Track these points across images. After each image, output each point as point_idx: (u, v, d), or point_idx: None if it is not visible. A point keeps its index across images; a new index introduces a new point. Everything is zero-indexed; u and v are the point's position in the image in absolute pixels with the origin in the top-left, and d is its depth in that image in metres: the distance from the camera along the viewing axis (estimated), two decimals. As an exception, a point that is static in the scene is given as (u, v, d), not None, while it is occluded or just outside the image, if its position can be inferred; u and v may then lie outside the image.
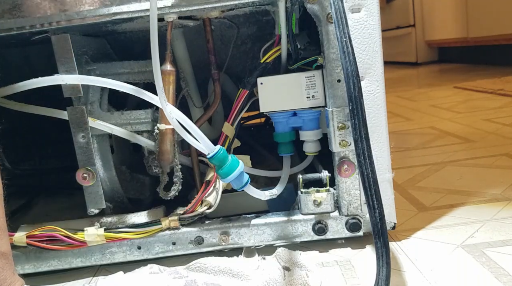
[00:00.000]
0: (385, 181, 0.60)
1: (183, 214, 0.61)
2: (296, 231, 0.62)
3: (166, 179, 0.64)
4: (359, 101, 0.49)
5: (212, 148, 0.51)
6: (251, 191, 0.56)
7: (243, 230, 0.62)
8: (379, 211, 0.47)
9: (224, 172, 0.52)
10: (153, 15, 0.45)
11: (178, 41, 0.68)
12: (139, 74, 0.64)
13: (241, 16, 0.78)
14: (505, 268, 0.51)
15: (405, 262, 0.56)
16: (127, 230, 0.60)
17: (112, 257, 0.62)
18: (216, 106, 0.68)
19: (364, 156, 0.48)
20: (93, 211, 0.62)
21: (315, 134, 0.65)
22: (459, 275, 0.51)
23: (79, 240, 0.59)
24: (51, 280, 0.62)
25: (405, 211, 0.72)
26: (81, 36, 0.63)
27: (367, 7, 0.56)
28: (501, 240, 0.58)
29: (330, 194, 0.61)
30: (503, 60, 2.50)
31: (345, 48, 0.50)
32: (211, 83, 0.70)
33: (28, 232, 0.60)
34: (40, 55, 0.84)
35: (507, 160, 0.91)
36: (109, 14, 0.56)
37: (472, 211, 0.69)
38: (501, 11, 2.34)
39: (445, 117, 1.43)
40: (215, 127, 0.76)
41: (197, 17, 0.63)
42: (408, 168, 0.95)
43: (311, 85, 0.61)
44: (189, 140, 0.52)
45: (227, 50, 0.82)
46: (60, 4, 0.55)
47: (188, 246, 0.62)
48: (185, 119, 0.51)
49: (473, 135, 1.15)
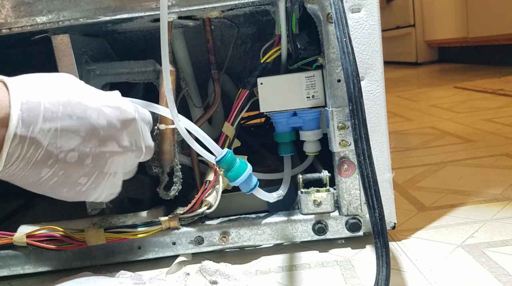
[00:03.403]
0: (385, 181, 0.60)
1: (183, 214, 0.61)
2: (296, 231, 0.62)
3: (166, 179, 0.64)
4: (359, 101, 0.49)
5: (219, 151, 0.51)
6: (259, 194, 0.56)
7: (243, 230, 0.62)
8: (379, 211, 0.47)
9: (232, 175, 0.52)
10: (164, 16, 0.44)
11: (178, 41, 0.68)
12: (139, 74, 0.64)
13: (241, 16, 0.78)
14: (505, 268, 0.51)
15: (405, 262, 0.56)
16: (127, 230, 0.60)
17: (112, 257, 0.62)
18: (216, 106, 0.68)
19: (364, 156, 0.48)
20: (93, 211, 0.62)
21: (315, 134, 0.65)
22: (459, 275, 0.51)
23: (79, 240, 0.59)
24: (51, 280, 0.62)
25: (405, 211, 0.72)
26: (81, 36, 0.63)
27: (367, 7, 0.56)
28: (501, 240, 0.58)
29: (330, 194, 0.61)
30: (503, 60, 2.50)
31: (345, 48, 0.50)
32: (211, 83, 0.70)
33: (28, 232, 0.60)
34: (40, 55, 0.84)
35: (507, 160, 0.91)
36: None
37: (472, 211, 0.69)
38: (501, 11, 2.34)
39: (445, 117, 1.43)
40: (215, 127, 0.76)
41: (197, 17, 0.63)
42: (408, 168, 0.95)
43: (311, 85, 0.61)
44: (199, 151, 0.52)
45: (227, 50, 0.82)
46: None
47: (188, 246, 0.62)
48: (193, 127, 0.51)
49: (473, 135, 1.15)
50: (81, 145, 0.42)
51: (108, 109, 0.44)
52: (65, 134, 0.41)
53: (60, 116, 0.40)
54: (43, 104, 0.39)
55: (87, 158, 0.43)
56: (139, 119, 0.48)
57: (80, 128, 0.42)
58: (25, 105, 0.38)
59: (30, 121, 0.38)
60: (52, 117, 0.40)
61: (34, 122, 0.38)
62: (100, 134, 0.43)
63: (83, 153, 0.43)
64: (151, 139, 0.52)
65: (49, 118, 0.39)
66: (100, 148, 0.44)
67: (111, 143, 0.45)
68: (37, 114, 0.39)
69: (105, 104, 0.44)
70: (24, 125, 0.38)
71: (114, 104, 0.45)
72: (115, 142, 0.45)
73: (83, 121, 0.42)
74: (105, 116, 0.44)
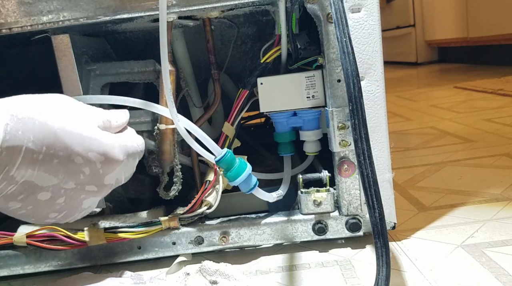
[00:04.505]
0: (385, 181, 0.60)
1: (183, 214, 0.61)
2: (296, 231, 0.62)
3: (166, 179, 0.64)
4: (359, 101, 0.49)
5: (219, 151, 0.51)
6: (259, 194, 0.56)
7: (243, 230, 0.62)
8: (379, 211, 0.47)
9: (232, 174, 0.52)
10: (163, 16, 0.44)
11: (178, 41, 0.68)
12: (139, 74, 0.64)
13: (241, 16, 0.78)
14: (505, 268, 0.51)
15: (405, 262, 0.56)
16: (127, 230, 0.60)
17: (112, 257, 0.62)
18: (216, 106, 0.68)
19: (364, 156, 0.48)
20: (93, 211, 0.62)
21: (315, 134, 0.65)
22: (459, 275, 0.51)
23: (79, 240, 0.59)
24: (51, 280, 0.62)
25: (405, 211, 0.72)
26: (81, 36, 0.63)
27: (367, 7, 0.56)
28: (501, 240, 0.58)
29: (330, 194, 0.61)
30: (503, 60, 2.50)
31: (345, 48, 0.50)
32: (211, 83, 0.70)
33: (28, 232, 0.60)
34: (40, 55, 0.84)
35: (507, 160, 0.91)
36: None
37: (472, 211, 0.69)
38: (501, 11, 2.34)
39: (445, 117, 1.43)
40: (215, 127, 0.76)
41: (197, 17, 0.63)
42: (408, 168, 0.95)
43: (311, 85, 0.61)
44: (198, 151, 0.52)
45: (227, 50, 0.82)
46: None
47: (188, 246, 0.62)
48: (193, 127, 0.51)
49: (473, 135, 1.15)
50: (56, 186, 0.40)
51: (94, 155, 0.41)
52: (41, 176, 0.39)
53: (41, 159, 0.38)
54: (25, 146, 0.37)
55: (60, 197, 0.41)
56: (126, 160, 0.46)
57: (58, 171, 0.39)
58: (6, 143, 0.36)
59: (7, 161, 0.36)
60: (32, 159, 0.37)
61: (11, 163, 0.36)
62: (80, 179, 0.41)
63: (56, 193, 0.41)
64: (133, 170, 0.50)
65: (28, 161, 0.37)
66: (76, 190, 0.42)
67: (89, 186, 0.43)
68: (17, 155, 0.36)
69: (91, 150, 0.41)
70: (0, 164, 0.36)
71: (101, 150, 0.42)
72: (94, 185, 0.43)
73: (65, 166, 0.39)
74: (89, 163, 0.41)
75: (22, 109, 0.38)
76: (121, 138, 0.46)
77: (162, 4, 0.44)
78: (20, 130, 0.36)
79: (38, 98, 0.42)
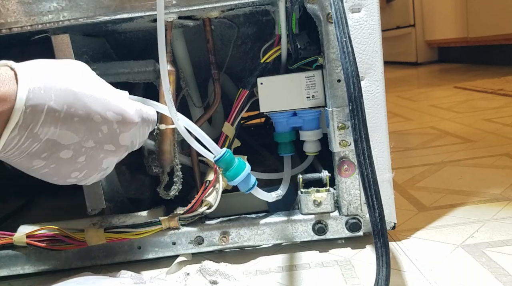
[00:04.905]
0: (385, 181, 0.60)
1: (183, 214, 0.61)
2: (296, 231, 0.62)
3: (166, 179, 0.64)
4: (359, 101, 0.49)
5: (218, 150, 0.51)
6: (258, 193, 0.56)
7: (243, 230, 0.62)
8: (379, 211, 0.47)
9: (231, 174, 0.52)
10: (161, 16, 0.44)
11: (178, 41, 0.68)
12: (139, 74, 0.64)
13: (241, 16, 0.78)
14: (505, 268, 0.51)
15: (405, 262, 0.56)
16: (127, 230, 0.60)
17: (112, 257, 0.62)
18: (216, 106, 0.68)
19: (364, 156, 0.48)
20: (93, 211, 0.62)
21: (315, 134, 0.65)
22: (459, 275, 0.51)
23: (79, 240, 0.59)
24: (51, 280, 0.62)
25: (405, 211, 0.72)
26: (81, 36, 0.63)
27: (367, 7, 0.56)
28: (501, 240, 0.58)
29: (330, 194, 0.61)
30: (503, 60, 2.50)
31: (345, 48, 0.50)
32: (211, 83, 0.70)
33: (28, 232, 0.60)
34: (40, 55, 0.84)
35: (507, 160, 0.91)
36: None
37: (472, 211, 0.69)
38: (501, 11, 2.34)
39: (445, 117, 1.43)
40: (215, 127, 0.76)
41: (197, 17, 0.63)
42: (408, 168, 0.95)
43: (311, 85, 0.61)
44: (198, 149, 0.52)
45: (227, 50, 0.82)
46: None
47: (188, 246, 0.62)
48: (192, 126, 0.51)
49: (473, 135, 1.15)
50: (77, 144, 0.43)
51: (112, 115, 0.44)
52: (63, 134, 0.41)
53: (63, 117, 0.40)
54: (47, 104, 0.39)
55: (81, 156, 0.44)
56: (141, 123, 0.49)
57: (79, 129, 0.42)
58: (30, 102, 0.38)
59: (32, 119, 0.39)
60: (54, 118, 0.40)
61: (35, 121, 0.39)
62: (98, 137, 0.44)
63: (78, 151, 0.43)
64: (145, 137, 0.52)
65: (50, 119, 0.40)
66: (95, 149, 0.44)
67: (107, 145, 0.45)
68: (40, 113, 0.39)
69: (109, 109, 0.44)
70: (25, 122, 0.38)
71: (118, 110, 0.45)
72: (111, 145, 0.46)
73: (84, 124, 0.42)
74: (107, 121, 0.44)
75: (43, 70, 0.41)
76: (137, 103, 0.49)
77: (159, 4, 0.44)
78: (42, 89, 0.39)
79: (59, 61, 0.45)
